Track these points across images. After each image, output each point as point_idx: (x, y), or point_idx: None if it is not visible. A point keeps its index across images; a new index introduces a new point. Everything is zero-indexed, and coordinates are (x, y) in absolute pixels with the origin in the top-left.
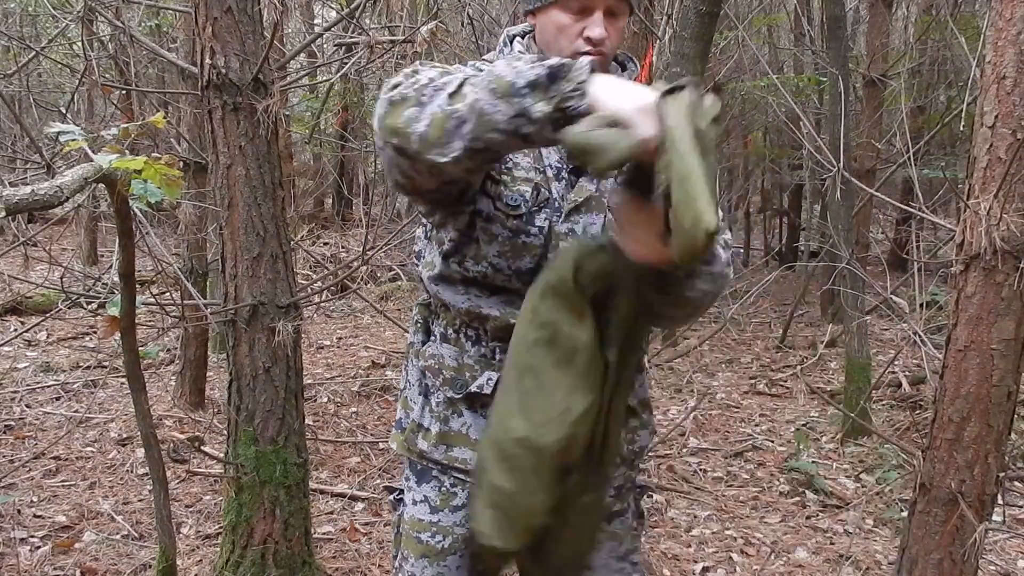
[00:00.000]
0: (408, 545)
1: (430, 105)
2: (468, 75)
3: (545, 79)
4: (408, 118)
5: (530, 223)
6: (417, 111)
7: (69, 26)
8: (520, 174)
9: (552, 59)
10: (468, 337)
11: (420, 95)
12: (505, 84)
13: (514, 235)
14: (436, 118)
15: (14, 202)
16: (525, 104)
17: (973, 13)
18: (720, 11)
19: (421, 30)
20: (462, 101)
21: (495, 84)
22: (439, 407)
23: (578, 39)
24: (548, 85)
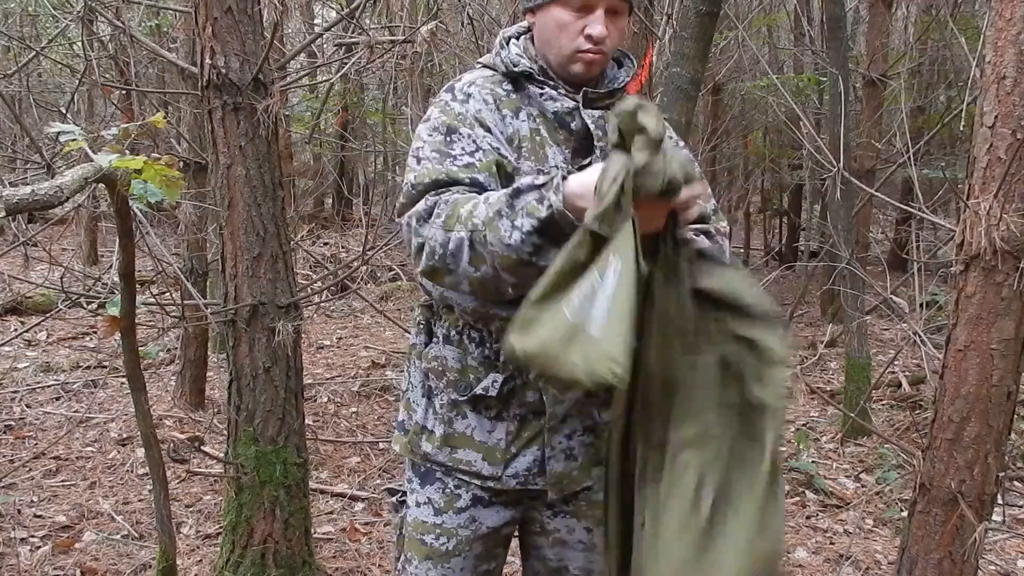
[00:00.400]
0: (412, 547)
1: (458, 271)
2: (471, 229)
3: (540, 240)
4: (452, 284)
5: None
6: (453, 279)
7: (69, 26)
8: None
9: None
10: (472, 339)
11: (446, 265)
12: (512, 261)
13: None
14: (474, 282)
15: (14, 202)
16: (541, 264)
17: (973, 13)
18: (720, 11)
19: (421, 30)
20: (484, 264)
21: (504, 263)
22: (443, 409)
23: (579, 37)
24: (545, 240)
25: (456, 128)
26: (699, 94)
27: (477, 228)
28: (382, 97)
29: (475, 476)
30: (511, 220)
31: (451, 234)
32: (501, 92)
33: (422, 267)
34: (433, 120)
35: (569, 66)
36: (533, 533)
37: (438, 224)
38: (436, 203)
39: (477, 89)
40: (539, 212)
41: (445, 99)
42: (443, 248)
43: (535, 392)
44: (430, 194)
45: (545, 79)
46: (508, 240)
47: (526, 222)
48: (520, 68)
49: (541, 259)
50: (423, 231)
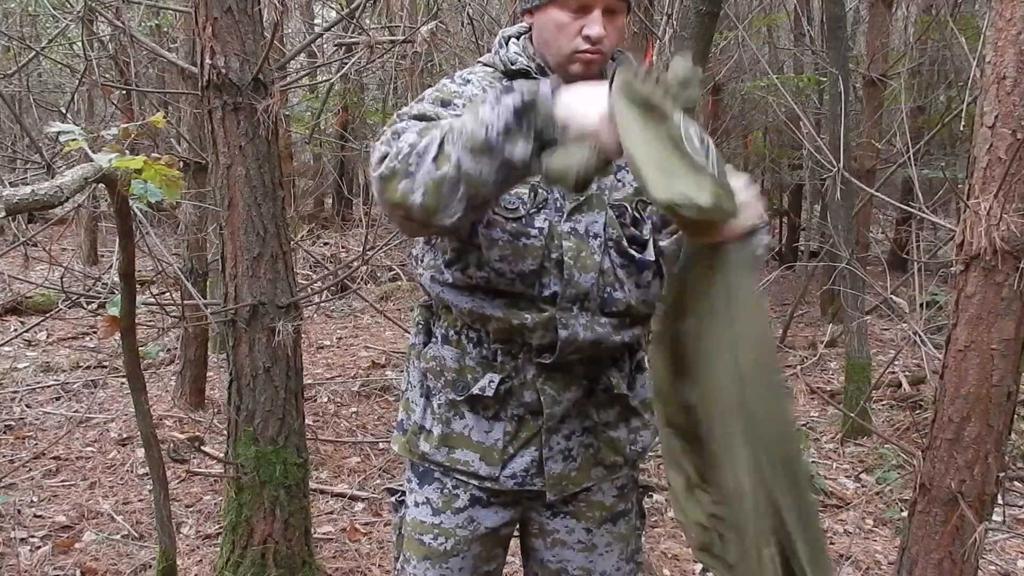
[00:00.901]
0: (410, 547)
1: (418, 173)
2: (446, 130)
3: (514, 121)
4: (403, 191)
5: (529, 225)
6: (409, 183)
7: (69, 26)
8: None
9: (512, 92)
10: (469, 339)
11: (407, 165)
12: (479, 141)
13: (514, 238)
14: (429, 187)
15: (14, 202)
16: (505, 154)
17: (973, 13)
18: (720, 11)
19: (421, 30)
20: (448, 163)
21: (470, 143)
22: (441, 409)
23: (577, 37)
24: (519, 125)
25: (451, 101)
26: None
27: (452, 127)
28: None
29: (473, 476)
30: (493, 104)
31: (423, 137)
32: (499, 87)
33: (380, 170)
34: (428, 96)
35: (568, 66)
36: (531, 535)
37: (413, 131)
38: (416, 123)
39: (477, 78)
40: (524, 95)
41: (444, 82)
42: (411, 148)
43: (533, 392)
44: (414, 120)
45: (542, 78)
46: (482, 115)
47: (509, 100)
48: (518, 66)
49: (507, 143)
50: (394, 142)
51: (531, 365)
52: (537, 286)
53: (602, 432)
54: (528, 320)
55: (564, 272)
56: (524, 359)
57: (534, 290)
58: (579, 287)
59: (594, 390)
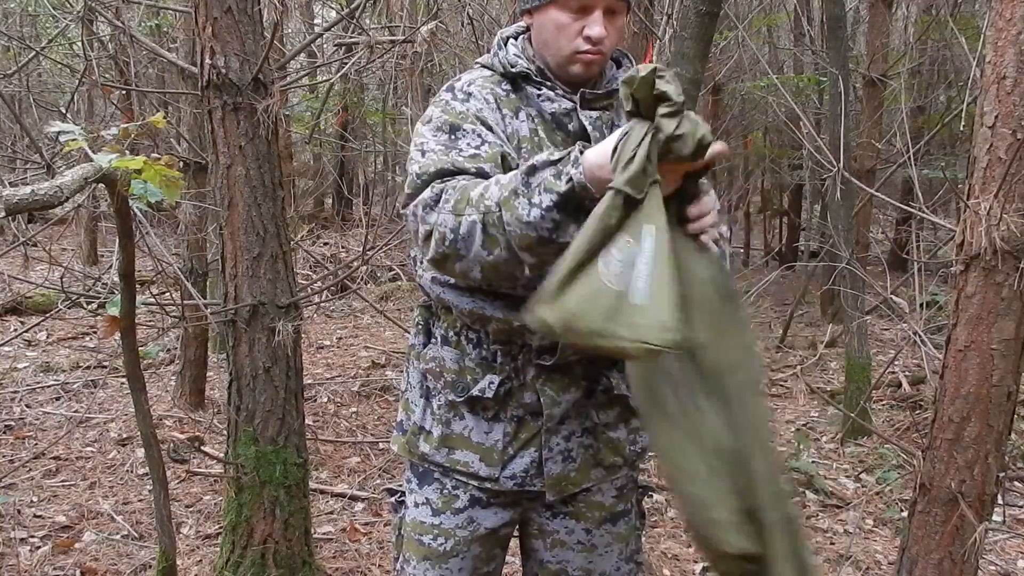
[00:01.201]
0: (410, 547)
1: (470, 256)
2: (483, 212)
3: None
4: (462, 270)
5: None
6: (464, 264)
7: (69, 26)
8: None
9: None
10: (469, 340)
11: (456, 250)
12: (533, 240)
13: None
14: (486, 267)
15: (14, 202)
16: (561, 241)
17: (973, 13)
18: (720, 11)
19: (421, 30)
20: (498, 247)
21: (524, 242)
22: (440, 410)
23: (577, 38)
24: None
25: (459, 125)
26: (699, 94)
27: (490, 210)
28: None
29: (472, 477)
30: (528, 197)
31: (462, 218)
32: (500, 92)
33: (431, 254)
34: (435, 120)
35: (568, 67)
36: (531, 536)
37: (447, 209)
38: (443, 190)
39: (477, 88)
40: (558, 187)
41: (446, 98)
42: (454, 233)
43: (532, 393)
44: (436, 183)
45: (543, 80)
46: (527, 218)
47: (545, 198)
48: (518, 69)
49: (561, 235)
50: (430, 218)
51: (531, 366)
52: None
53: (602, 433)
54: (528, 322)
55: None
56: (524, 360)
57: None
58: None
59: (594, 391)
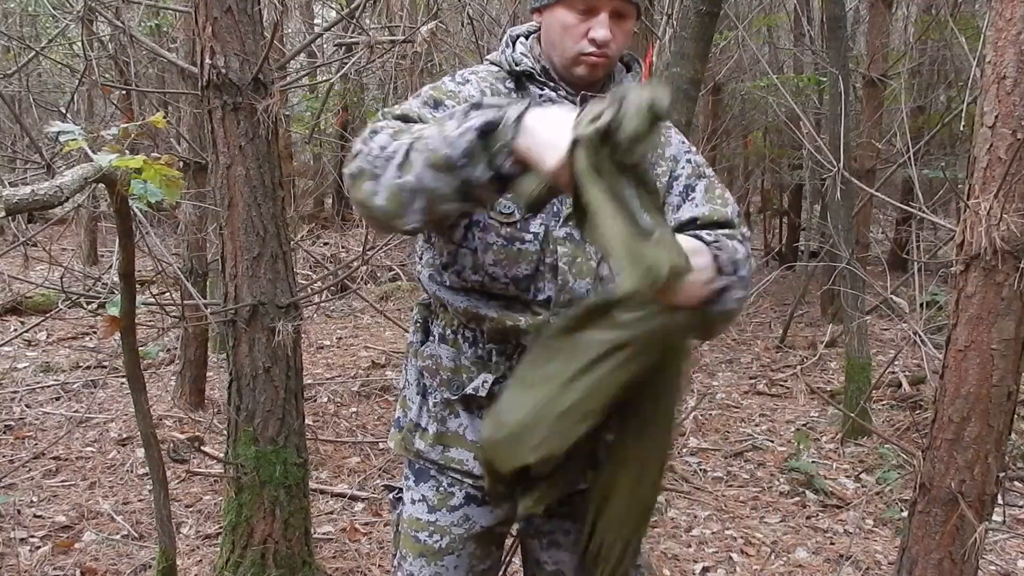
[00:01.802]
0: (406, 544)
1: (383, 177)
2: (415, 138)
3: (478, 144)
4: (367, 192)
5: (524, 229)
6: (373, 185)
7: (69, 26)
8: None
9: (480, 110)
10: (465, 338)
11: (374, 167)
12: (440, 158)
13: (509, 242)
14: (391, 192)
15: (14, 202)
16: (464, 174)
17: (973, 13)
18: (720, 11)
19: (421, 30)
20: (410, 172)
21: (432, 158)
22: (436, 408)
23: (582, 39)
24: (482, 149)
25: (443, 101)
26: (699, 94)
27: (421, 136)
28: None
29: (467, 475)
30: (460, 121)
31: (393, 141)
32: (502, 88)
33: (351, 168)
34: (423, 95)
35: (573, 68)
36: (528, 536)
37: (387, 133)
38: (394, 124)
39: (476, 78)
40: (488, 115)
41: (444, 80)
42: (381, 151)
43: None
44: (396, 121)
45: (546, 80)
46: (447, 131)
47: (474, 120)
48: (522, 67)
49: (468, 165)
50: (370, 141)
51: None
52: (532, 290)
53: (596, 434)
54: (522, 322)
55: (559, 277)
56: (519, 360)
57: (528, 294)
58: (573, 292)
59: None
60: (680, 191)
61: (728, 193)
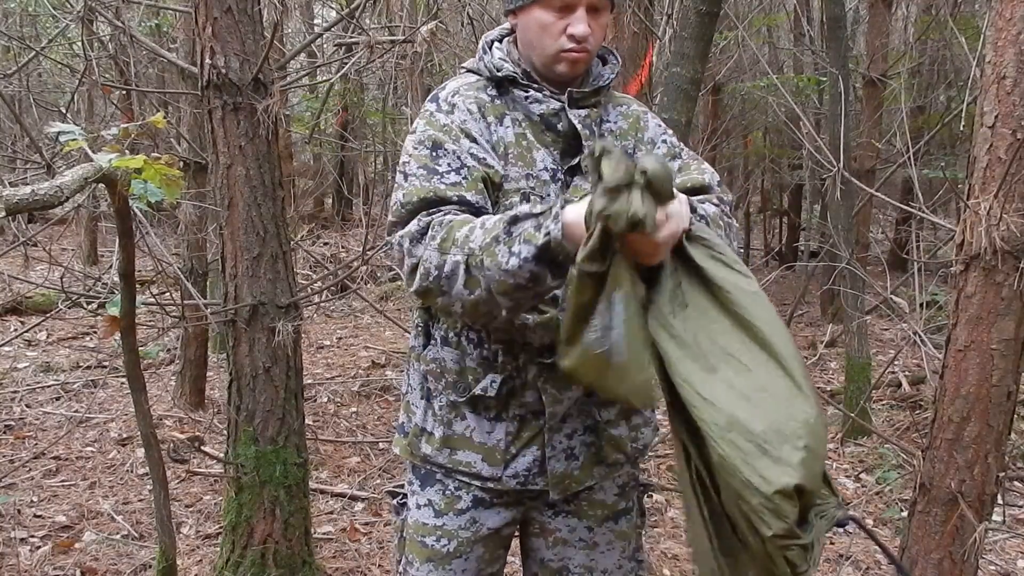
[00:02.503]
0: (413, 549)
1: (452, 293)
2: (467, 254)
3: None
4: (444, 305)
5: None
6: (446, 300)
7: (69, 26)
8: (511, 185)
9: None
10: (470, 340)
11: (439, 286)
12: (510, 287)
13: None
14: (468, 306)
15: (14, 202)
16: (537, 291)
17: (973, 13)
18: (720, 11)
19: (421, 30)
20: (479, 288)
21: (501, 288)
22: (442, 411)
23: (561, 36)
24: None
25: (441, 143)
26: (699, 94)
27: (473, 252)
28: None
29: (475, 477)
30: (508, 247)
31: (446, 257)
32: (485, 98)
33: (416, 287)
34: (419, 133)
35: (554, 66)
36: (532, 535)
37: (433, 246)
38: (430, 224)
39: (461, 99)
40: (536, 239)
41: (430, 110)
42: (438, 270)
43: (534, 392)
44: (422, 214)
45: (529, 82)
46: (505, 266)
47: (524, 249)
48: (503, 72)
49: (538, 285)
50: (416, 251)
51: (532, 365)
52: None
53: (604, 430)
54: (529, 321)
55: None
56: (525, 359)
57: None
58: None
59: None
60: None
61: (705, 164)
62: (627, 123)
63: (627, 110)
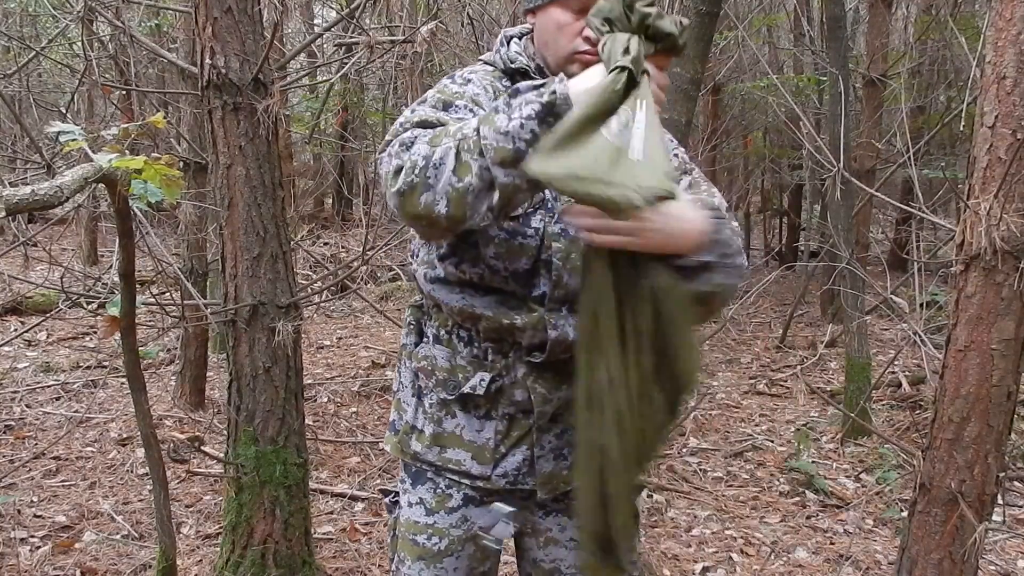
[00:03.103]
0: (405, 547)
1: (438, 185)
2: (459, 139)
3: (540, 128)
4: (426, 203)
5: (526, 224)
6: (430, 195)
7: (69, 26)
8: None
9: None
10: (460, 338)
11: (425, 178)
12: (509, 153)
13: (511, 236)
14: (453, 197)
15: (14, 202)
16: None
17: (973, 13)
18: (720, 11)
19: (421, 30)
20: (469, 174)
21: (499, 156)
22: (432, 408)
23: (576, 38)
24: (547, 131)
25: (452, 102)
26: (699, 94)
27: (467, 135)
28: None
29: (465, 476)
30: (508, 113)
31: (436, 148)
32: (500, 86)
33: (399, 185)
34: (430, 99)
35: (567, 67)
36: (524, 534)
37: (423, 141)
38: (423, 132)
39: (477, 77)
40: (541, 98)
41: (444, 82)
42: (426, 160)
43: (523, 391)
44: (417, 129)
45: (541, 77)
46: (505, 127)
47: (527, 109)
48: (517, 65)
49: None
50: (404, 154)
51: (521, 364)
52: (529, 286)
53: None
54: (518, 320)
55: (552, 273)
56: (515, 358)
57: (525, 289)
58: (567, 288)
59: None
60: None
61: (715, 188)
62: None
63: None
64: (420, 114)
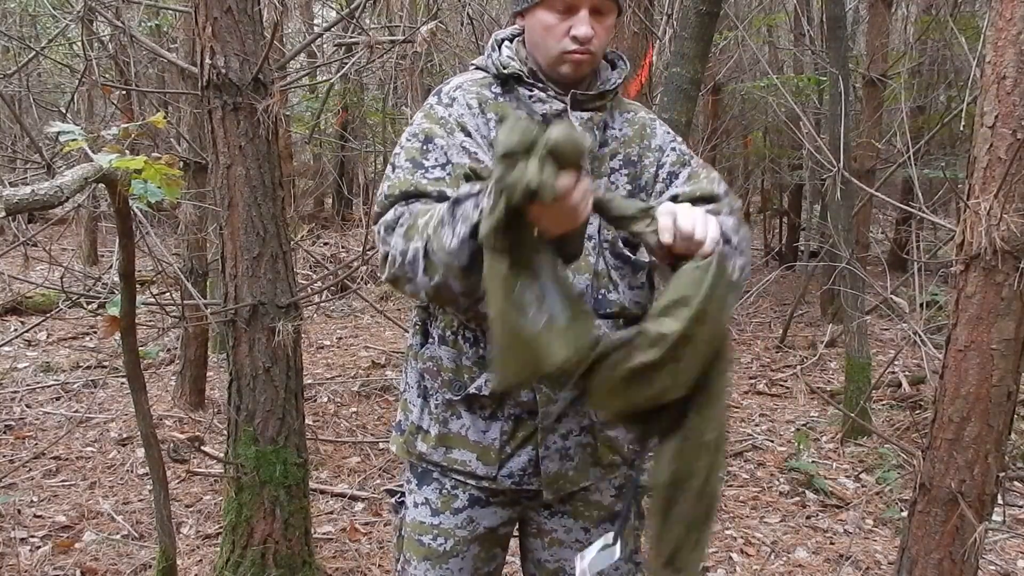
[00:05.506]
0: (411, 548)
1: (417, 280)
2: (426, 239)
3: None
4: (412, 292)
5: None
6: (413, 287)
7: (69, 26)
8: None
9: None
10: (466, 339)
11: (405, 273)
12: (456, 271)
13: None
14: (430, 291)
15: (14, 202)
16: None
17: (973, 13)
18: (720, 11)
19: (421, 30)
20: (437, 274)
21: (450, 271)
22: (438, 409)
23: (564, 38)
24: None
25: (433, 136)
26: (699, 94)
27: (429, 238)
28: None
29: (470, 476)
30: (452, 228)
31: (410, 244)
32: (488, 95)
33: (386, 275)
34: (415, 125)
35: (557, 67)
36: (529, 535)
37: (400, 234)
38: (402, 214)
39: (462, 93)
40: (473, 217)
41: (431, 102)
42: (402, 257)
43: (529, 392)
44: (399, 204)
45: (535, 81)
46: (448, 247)
47: (462, 228)
48: (510, 70)
49: (477, 266)
50: (388, 240)
51: None
52: None
53: (599, 431)
54: None
55: None
56: None
57: None
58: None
59: None
60: (664, 177)
61: (714, 172)
62: (632, 130)
63: (634, 117)
64: (398, 184)
